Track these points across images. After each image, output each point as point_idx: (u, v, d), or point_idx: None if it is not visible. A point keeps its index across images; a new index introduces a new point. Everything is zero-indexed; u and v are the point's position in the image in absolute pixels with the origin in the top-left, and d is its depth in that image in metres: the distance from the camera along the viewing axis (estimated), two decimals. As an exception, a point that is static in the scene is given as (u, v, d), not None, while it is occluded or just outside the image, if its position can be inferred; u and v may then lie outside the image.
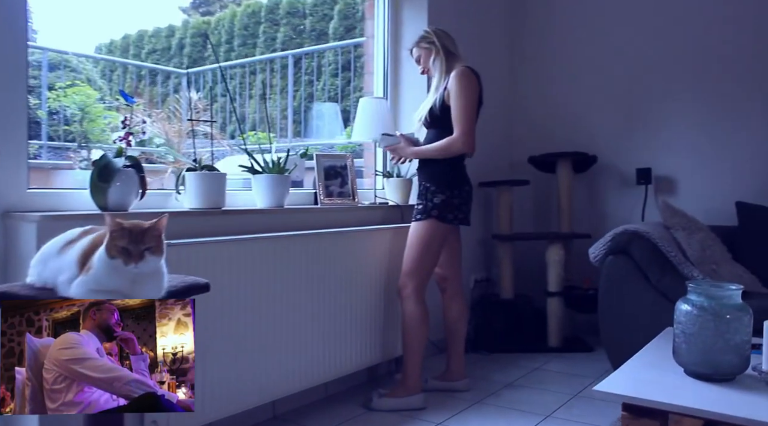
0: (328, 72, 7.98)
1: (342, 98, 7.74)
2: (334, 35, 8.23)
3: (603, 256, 3.16)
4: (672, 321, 2.87)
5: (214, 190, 2.38)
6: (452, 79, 2.72)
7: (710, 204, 3.66)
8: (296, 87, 7.47)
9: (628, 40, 3.94)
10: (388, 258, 3.00)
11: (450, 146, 2.71)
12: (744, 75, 3.59)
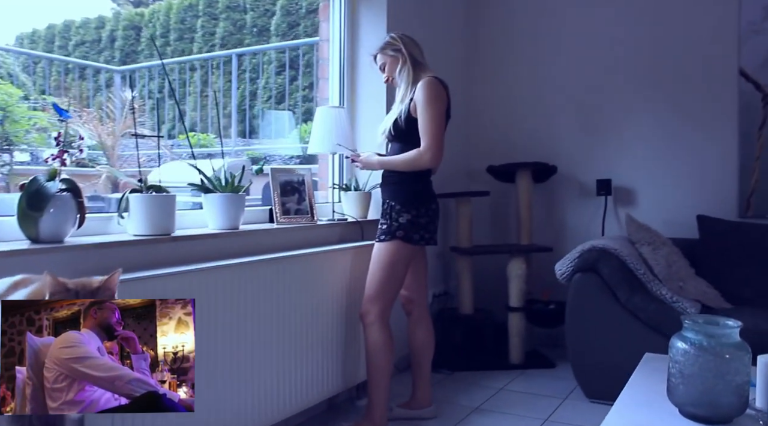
0: (271, 70, 7.70)
1: (286, 97, 7.49)
2: (276, 32, 7.94)
3: (570, 273, 3.07)
4: (644, 342, 2.83)
5: (163, 215, 2.14)
6: (419, 89, 2.54)
7: (669, 215, 3.63)
8: (237, 85, 7.16)
9: (588, 50, 3.87)
10: (348, 279, 2.81)
11: (417, 159, 2.54)
12: (702, 87, 3.57)
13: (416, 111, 2.55)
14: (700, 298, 2.98)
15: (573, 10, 3.91)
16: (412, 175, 2.60)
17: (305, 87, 7.20)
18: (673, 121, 3.64)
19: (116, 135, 5.40)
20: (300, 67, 6.56)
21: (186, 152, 6.18)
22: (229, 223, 2.41)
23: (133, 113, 3.99)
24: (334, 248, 2.72)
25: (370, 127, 3.31)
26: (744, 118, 3.47)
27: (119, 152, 5.51)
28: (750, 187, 3.47)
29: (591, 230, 3.83)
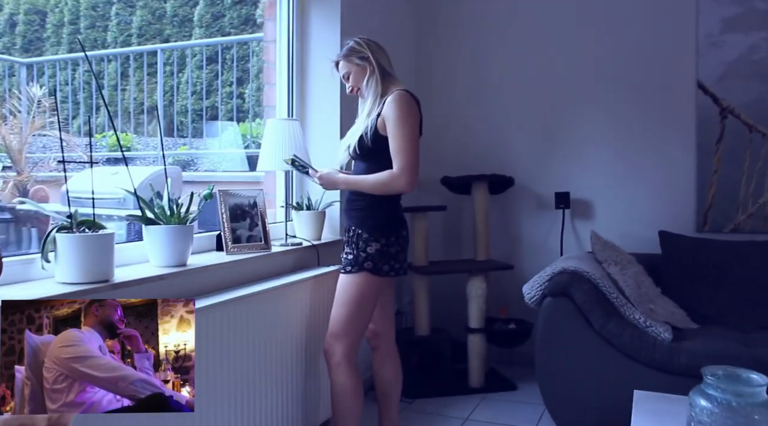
0: (195, 64, 7.21)
1: (208, 94, 7.03)
2: (200, 23, 7.46)
3: (540, 297, 2.91)
4: (618, 370, 2.71)
5: (100, 258, 1.79)
6: (389, 104, 2.27)
7: (626, 229, 3.55)
8: (155, 79, 6.65)
9: (545, 62, 3.73)
10: (308, 312, 2.54)
11: (390, 183, 2.27)
12: (660, 100, 3.50)
13: (384, 128, 2.29)
14: (669, 319, 2.89)
15: (530, 21, 3.76)
16: (382, 200, 2.35)
17: (230, 82, 6.78)
18: (631, 134, 3.56)
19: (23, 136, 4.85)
20: (221, 61, 6.14)
21: (104, 156, 5.66)
22: (176, 259, 2.08)
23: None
24: (291, 280, 2.43)
25: (322, 141, 3.04)
26: (702, 132, 3.42)
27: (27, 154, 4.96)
28: (707, 202, 3.43)
29: (548, 244, 3.71)
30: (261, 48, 7.17)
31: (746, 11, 3.32)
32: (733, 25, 3.34)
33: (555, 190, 3.64)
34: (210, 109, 6.94)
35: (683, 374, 2.61)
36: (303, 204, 2.93)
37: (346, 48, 2.41)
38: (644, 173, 3.54)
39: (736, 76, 3.35)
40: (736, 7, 3.33)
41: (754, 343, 2.71)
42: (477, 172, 3.69)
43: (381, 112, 2.29)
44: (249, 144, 5.39)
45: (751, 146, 3.34)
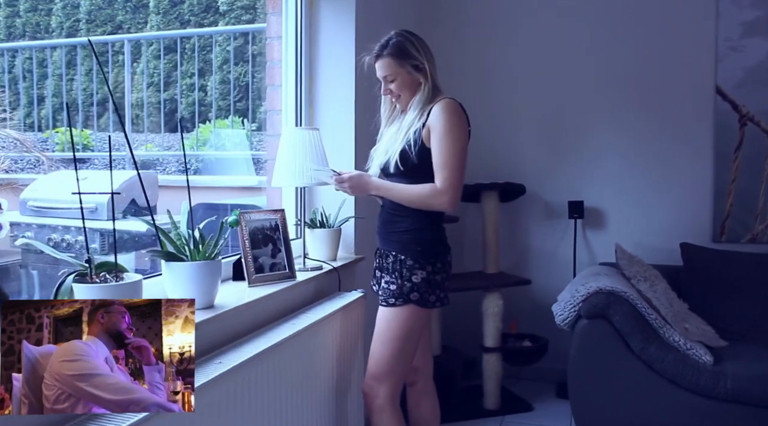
0: (149, 54, 6.72)
1: (166, 86, 6.58)
2: (156, 8, 6.96)
3: (574, 318, 2.73)
4: (661, 396, 2.56)
5: (129, 309, 1.48)
6: (437, 114, 2.01)
7: (641, 239, 3.42)
8: (106, 69, 6.15)
9: (559, 66, 3.54)
10: (338, 348, 2.27)
11: (432, 198, 2.02)
12: (677, 106, 3.37)
13: (429, 139, 2.04)
14: (701, 338, 2.77)
15: (542, 23, 3.56)
16: (426, 222, 2.10)
17: (191, 73, 6.36)
18: (646, 140, 3.42)
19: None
20: (179, 51, 5.74)
21: (61, 156, 5.16)
22: (204, 301, 1.79)
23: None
24: (322, 315, 2.16)
25: (334, 151, 2.74)
26: (720, 139, 3.31)
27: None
28: (725, 211, 3.33)
29: (559, 255, 3.55)
30: (225, 39, 6.76)
31: (766, 15, 3.21)
32: (753, 29, 3.23)
33: (567, 199, 3.47)
34: (168, 103, 6.49)
35: (729, 401, 2.48)
36: (317, 221, 2.65)
37: (397, 46, 2.08)
38: (659, 182, 3.41)
39: (756, 81, 3.24)
40: (757, 11, 3.23)
41: (793, 363, 2.61)
42: (485, 179, 3.47)
43: (426, 121, 2.03)
44: (223, 144, 5.00)
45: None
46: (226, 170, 4.71)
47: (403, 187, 2.06)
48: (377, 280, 2.21)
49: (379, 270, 2.18)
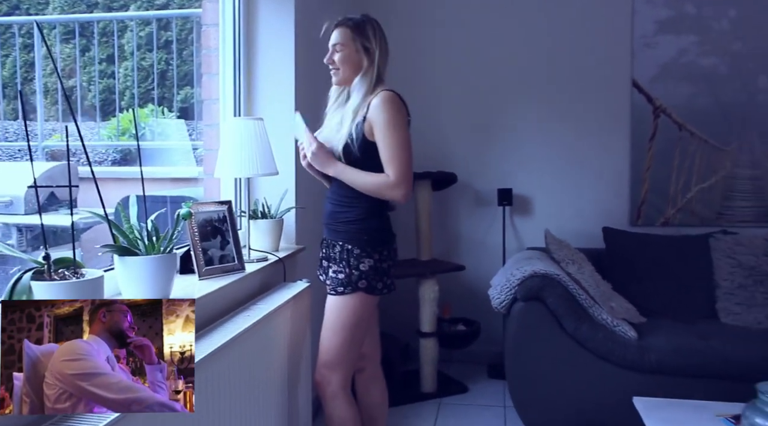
0: (56, 37, 6.34)
1: (73, 72, 6.23)
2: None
3: (510, 302, 2.85)
4: (592, 373, 2.72)
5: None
6: (377, 107, 2.03)
7: (565, 224, 3.60)
8: (5, 51, 5.77)
9: (486, 59, 3.66)
10: (289, 339, 2.27)
11: (385, 190, 2.05)
12: (597, 98, 3.56)
13: (372, 132, 2.06)
14: (625, 316, 2.96)
15: (470, 20, 3.65)
16: (373, 212, 2.13)
17: (102, 60, 6.07)
18: (569, 131, 3.59)
19: None
20: (95, 36, 5.46)
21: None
22: (159, 294, 1.74)
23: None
24: (273, 308, 2.14)
25: (275, 141, 2.72)
26: (636, 130, 3.53)
27: None
28: (641, 197, 3.55)
29: (489, 241, 3.68)
30: (138, 24, 6.48)
31: (678, 15, 3.45)
32: (666, 27, 3.46)
33: (496, 187, 3.60)
34: (80, 89, 6.17)
35: (653, 372, 2.68)
36: (258, 211, 2.62)
37: (358, 23, 2.11)
38: (582, 170, 3.60)
39: (668, 76, 3.47)
40: (669, 10, 3.45)
41: (706, 334, 2.84)
42: (418, 169, 3.51)
43: (366, 115, 2.06)
44: (145, 131, 4.80)
45: (680, 144, 3.49)
46: (155, 161, 4.55)
47: (359, 175, 2.07)
48: (324, 269, 2.22)
49: (326, 260, 2.19)
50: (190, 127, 4.41)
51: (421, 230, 3.46)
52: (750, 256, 3.14)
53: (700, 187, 3.52)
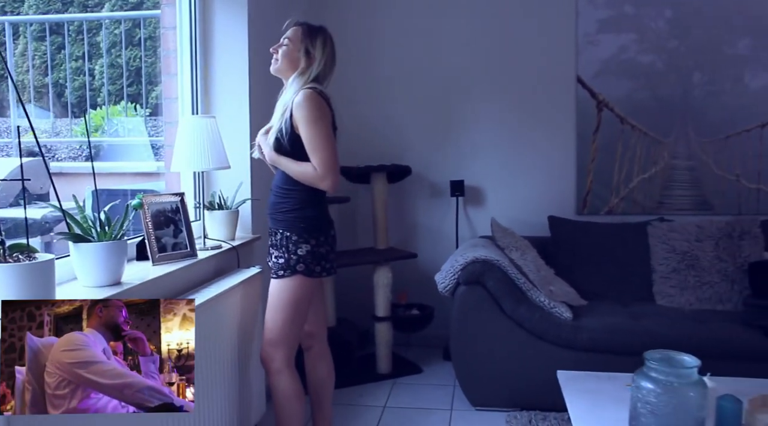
0: (31, 34, 6.44)
1: (51, 69, 6.35)
2: (37, -11, 6.67)
3: (454, 286, 3.04)
4: (529, 350, 2.92)
5: (41, 286, 1.61)
6: (298, 105, 2.19)
7: (515, 214, 3.79)
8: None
9: (438, 55, 3.83)
10: (239, 318, 2.46)
11: (315, 180, 2.22)
12: (544, 94, 3.75)
13: (298, 127, 2.23)
14: (565, 298, 3.16)
15: (421, 15, 3.83)
16: (310, 201, 2.30)
17: (78, 57, 6.19)
18: (518, 125, 3.78)
19: None
20: (66, 32, 5.58)
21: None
22: (111, 278, 1.92)
23: None
24: (222, 290, 2.33)
25: (231, 137, 2.89)
26: (581, 123, 3.72)
27: None
28: (586, 187, 3.75)
29: (444, 230, 3.87)
30: (113, 22, 6.60)
31: (618, 15, 3.64)
32: (607, 26, 3.66)
33: (449, 179, 3.79)
34: (55, 87, 6.29)
35: (585, 350, 2.88)
36: (215, 203, 2.80)
37: (312, 28, 2.31)
38: (531, 161, 3.79)
39: (610, 72, 3.67)
40: (609, 10, 3.64)
41: (638, 315, 3.05)
42: (373, 162, 3.73)
43: (291, 112, 2.22)
44: (117, 128, 4.95)
45: (622, 137, 3.70)
46: (123, 156, 4.69)
47: (292, 164, 2.24)
48: (270, 256, 2.40)
49: (271, 247, 2.37)
50: (159, 124, 4.56)
51: (377, 220, 3.64)
52: (683, 242, 3.35)
53: (641, 178, 3.72)
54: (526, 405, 2.96)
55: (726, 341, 2.81)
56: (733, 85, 3.60)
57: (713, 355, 2.77)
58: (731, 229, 3.31)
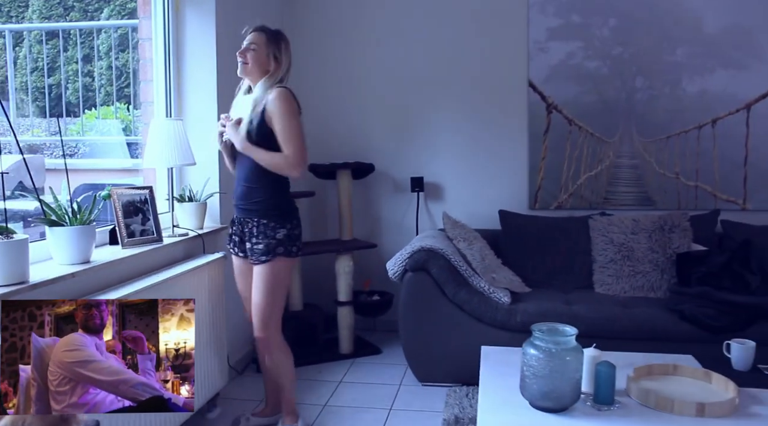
0: (33, 38, 6.77)
1: (51, 71, 6.70)
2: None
3: (402, 272, 3.35)
4: (469, 331, 3.22)
5: (18, 262, 1.94)
6: (273, 101, 2.49)
7: (473, 209, 4.09)
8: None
9: (399, 56, 4.13)
10: (208, 297, 2.79)
11: (284, 167, 2.50)
12: (498, 96, 4.05)
13: (271, 121, 2.51)
14: (508, 286, 3.45)
15: (385, 19, 4.13)
16: (279, 190, 2.59)
17: (76, 60, 6.52)
18: (475, 125, 4.08)
19: None
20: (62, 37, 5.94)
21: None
22: (81, 257, 2.25)
23: None
24: (186, 269, 2.66)
25: (201, 138, 3.22)
26: (532, 124, 4.02)
27: None
28: (537, 184, 4.05)
29: (405, 224, 4.18)
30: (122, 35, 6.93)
31: (566, 23, 3.93)
32: (556, 34, 3.95)
33: (410, 175, 4.10)
34: (53, 88, 6.63)
35: (519, 331, 3.17)
36: (185, 196, 3.12)
37: (275, 34, 2.59)
38: (487, 159, 4.09)
39: (559, 77, 3.96)
40: (558, 19, 3.93)
41: (573, 301, 3.35)
42: (339, 159, 4.04)
43: (266, 106, 2.50)
44: (109, 127, 5.29)
45: (570, 137, 3.99)
46: (110, 154, 5.03)
47: (263, 153, 2.51)
48: (236, 244, 2.68)
49: (240, 236, 2.66)
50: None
51: (342, 214, 3.95)
52: (620, 235, 3.63)
53: (588, 175, 4.01)
54: (466, 381, 3.26)
55: (645, 324, 3.10)
56: (672, 90, 3.88)
57: (633, 336, 3.10)
58: (663, 222, 3.59)
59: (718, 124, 3.85)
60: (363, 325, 4.21)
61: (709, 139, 3.87)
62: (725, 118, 3.84)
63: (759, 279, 3.19)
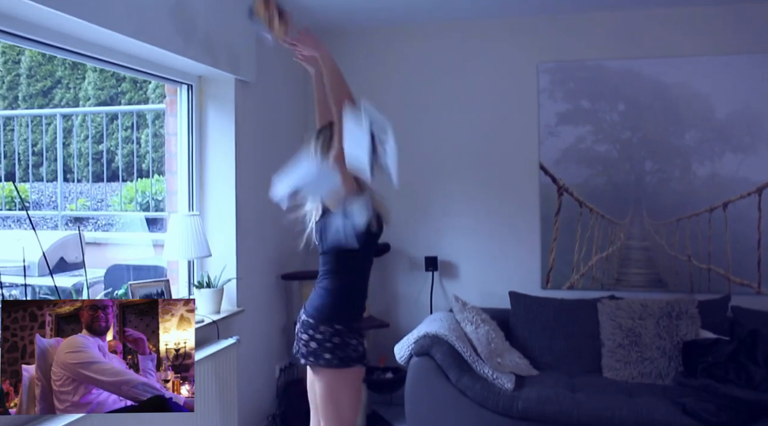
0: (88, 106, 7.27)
1: (102, 139, 7.15)
2: (93, 66, 7.55)
3: (408, 356, 3.47)
4: (471, 417, 3.30)
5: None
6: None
7: (485, 288, 4.19)
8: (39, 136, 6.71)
9: (417, 141, 4.29)
10: (216, 387, 2.96)
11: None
12: (510, 179, 4.17)
13: None
14: (514, 369, 3.52)
15: (404, 102, 4.32)
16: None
17: (127, 127, 6.96)
18: (488, 206, 4.21)
19: None
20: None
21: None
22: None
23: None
24: (199, 357, 2.85)
25: (218, 230, 3.45)
26: (544, 206, 4.12)
27: None
28: (549, 265, 4.12)
29: (420, 301, 4.29)
30: (157, 96, 7.38)
31: (575, 108, 4.05)
32: (565, 119, 4.07)
33: (425, 254, 4.23)
34: (107, 153, 7.07)
35: (521, 418, 3.23)
36: (204, 282, 3.33)
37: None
38: (499, 240, 4.20)
39: (569, 160, 4.07)
40: (567, 105, 4.06)
41: (578, 387, 3.39)
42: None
43: None
44: (149, 201, 5.63)
45: (581, 218, 4.07)
46: (141, 227, 5.33)
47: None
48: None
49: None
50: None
51: (359, 291, 4.10)
52: (628, 319, 3.66)
53: (599, 256, 4.07)
54: (471, 466, 3.32)
55: (645, 415, 3.11)
56: (682, 173, 3.94)
57: (631, 426, 3.11)
58: (671, 308, 3.61)
59: (730, 207, 3.88)
60: (380, 399, 4.31)
61: (721, 221, 3.89)
62: (736, 202, 3.87)
63: (764, 372, 3.18)
